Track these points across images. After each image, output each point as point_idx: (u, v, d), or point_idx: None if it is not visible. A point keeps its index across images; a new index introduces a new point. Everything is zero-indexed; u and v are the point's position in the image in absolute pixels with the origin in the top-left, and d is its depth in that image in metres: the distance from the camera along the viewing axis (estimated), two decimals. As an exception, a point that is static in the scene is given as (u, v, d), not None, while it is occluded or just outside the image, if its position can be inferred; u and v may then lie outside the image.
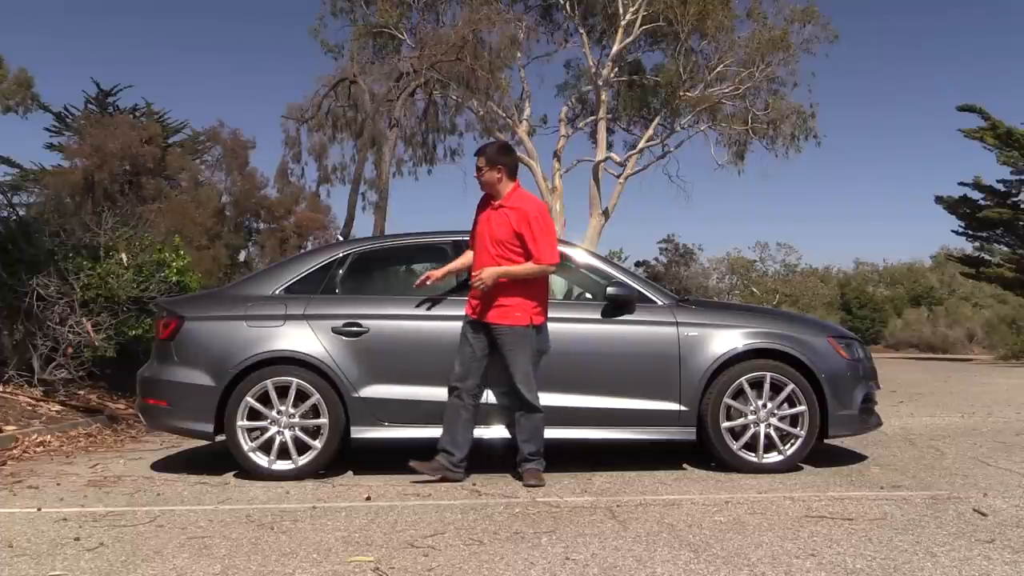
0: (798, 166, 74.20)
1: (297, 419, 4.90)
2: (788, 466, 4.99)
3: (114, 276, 8.17)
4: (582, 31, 22.61)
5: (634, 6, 21.05)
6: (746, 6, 22.04)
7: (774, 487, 4.57)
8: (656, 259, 39.39)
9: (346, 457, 5.14)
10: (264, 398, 4.90)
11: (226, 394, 4.89)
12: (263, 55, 58.72)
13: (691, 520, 3.81)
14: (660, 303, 5.18)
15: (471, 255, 4.91)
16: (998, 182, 24.59)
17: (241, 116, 74.46)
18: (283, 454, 4.89)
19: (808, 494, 4.38)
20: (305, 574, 3.07)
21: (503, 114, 22.12)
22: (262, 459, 4.88)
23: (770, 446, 4.99)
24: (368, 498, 4.34)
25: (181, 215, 15.65)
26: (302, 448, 4.89)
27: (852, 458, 5.53)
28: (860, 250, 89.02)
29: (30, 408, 7.09)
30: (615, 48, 21.62)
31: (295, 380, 4.89)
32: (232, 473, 5.00)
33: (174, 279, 8.73)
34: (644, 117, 24.41)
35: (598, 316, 5.08)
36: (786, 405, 4.99)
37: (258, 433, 4.91)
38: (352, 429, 4.92)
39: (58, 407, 7.35)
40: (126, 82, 34.31)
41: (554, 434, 4.86)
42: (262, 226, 22.80)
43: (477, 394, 4.80)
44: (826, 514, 3.92)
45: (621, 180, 23.38)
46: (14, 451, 5.85)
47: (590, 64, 22.62)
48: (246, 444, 4.88)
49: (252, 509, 4.12)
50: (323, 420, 4.89)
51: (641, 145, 23.54)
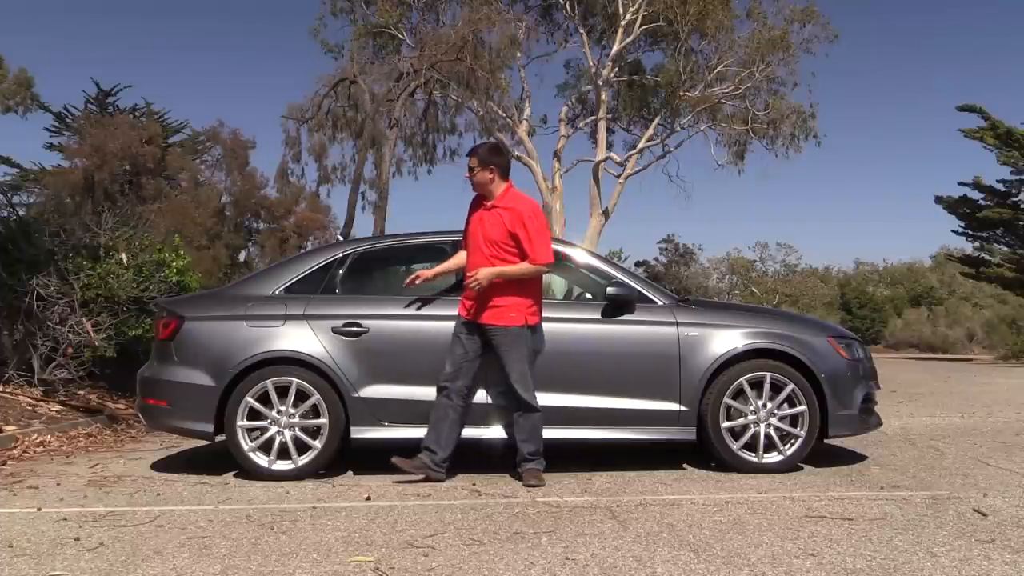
0: (798, 166, 74.43)
1: (297, 419, 4.90)
2: (788, 466, 4.99)
3: (114, 276, 8.17)
4: (582, 31, 22.61)
5: (634, 6, 21.05)
6: (746, 6, 22.10)
7: (774, 487, 4.57)
8: (656, 259, 39.46)
9: (346, 457, 5.14)
10: (264, 398, 4.90)
11: (226, 394, 4.90)
12: (263, 55, 58.85)
13: (691, 520, 3.81)
14: (660, 303, 5.18)
15: (463, 256, 4.92)
16: (998, 182, 24.64)
17: (241, 116, 74.65)
18: (283, 454, 4.89)
19: (808, 494, 4.38)
20: (305, 574, 3.07)
21: (503, 114, 22.12)
22: (262, 459, 4.88)
23: (770, 446, 4.99)
24: (368, 498, 4.34)
25: (181, 215, 15.66)
26: (302, 448, 4.89)
27: (852, 458, 5.53)
28: (860, 250, 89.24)
29: (30, 408, 7.09)
30: (615, 48, 21.62)
31: (295, 380, 4.89)
32: (232, 473, 5.00)
33: (174, 279, 8.72)
34: (644, 117, 24.42)
35: (598, 316, 5.08)
36: (786, 405, 4.99)
37: (258, 433, 4.91)
38: (352, 429, 4.92)
39: (58, 407, 7.35)
40: (126, 82, 34.45)
41: (554, 434, 4.86)
42: (262, 226, 22.83)
43: (466, 395, 4.80)
44: (826, 514, 3.92)
45: (621, 180, 23.37)
46: (14, 451, 5.85)
47: (590, 64, 22.62)
48: (246, 444, 4.88)
49: (252, 509, 4.12)
50: (323, 420, 4.89)
51: (641, 145, 23.54)
